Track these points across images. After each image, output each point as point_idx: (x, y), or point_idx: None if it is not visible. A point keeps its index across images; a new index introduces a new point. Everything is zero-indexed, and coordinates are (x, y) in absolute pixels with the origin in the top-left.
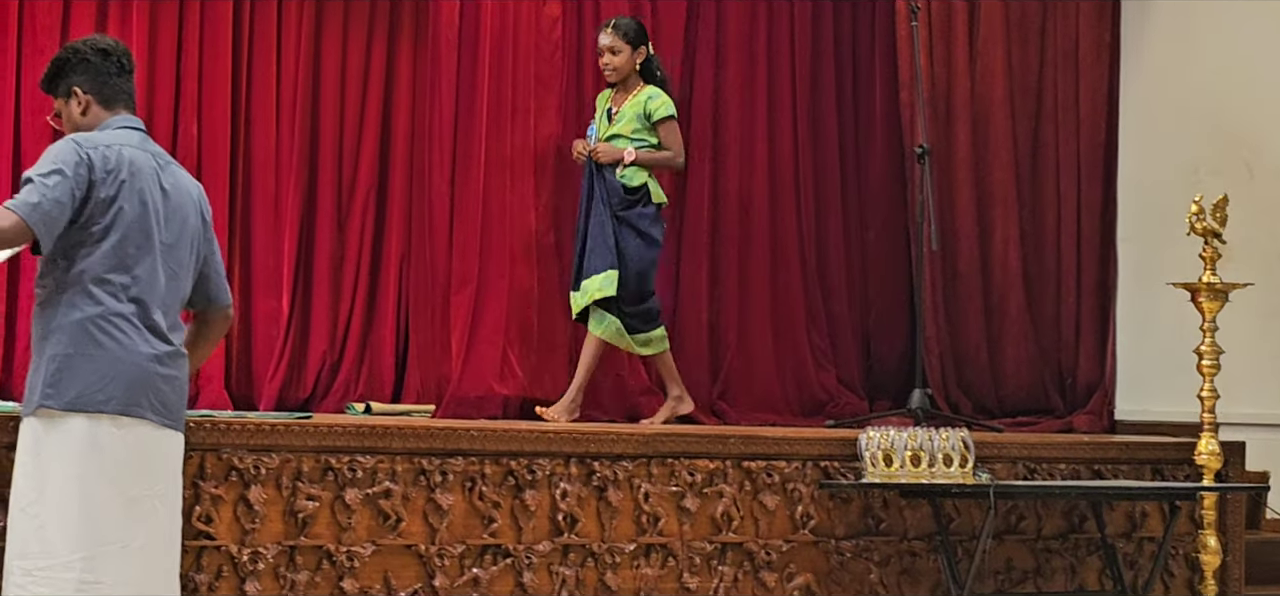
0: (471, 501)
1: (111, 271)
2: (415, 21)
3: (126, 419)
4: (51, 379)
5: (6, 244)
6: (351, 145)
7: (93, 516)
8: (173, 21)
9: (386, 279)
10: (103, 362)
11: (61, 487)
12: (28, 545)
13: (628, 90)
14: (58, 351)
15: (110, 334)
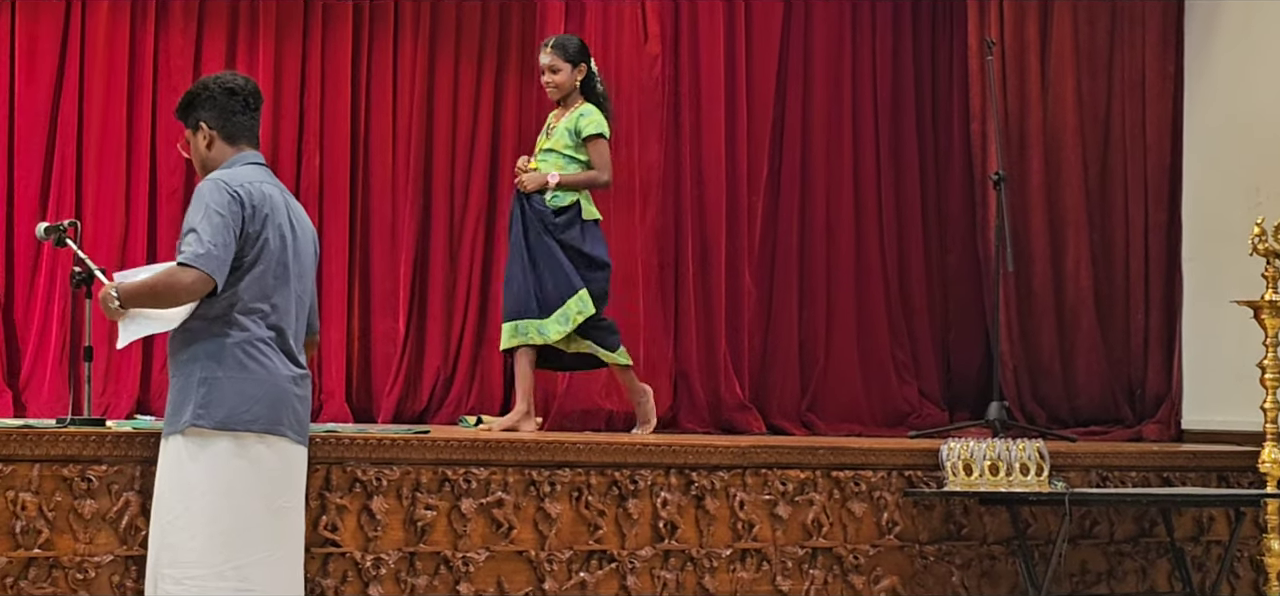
0: (578, 510)
1: (256, 300)
2: (521, 55)
3: (271, 436)
4: (202, 400)
5: (194, 296)
6: (463, 172)
7: (243, 527)
8: (296, 58)
9: (495, 299)
10: (249, 384)
11: (213, 501)
12: (179, 554)
13: (568, 107)
14: (207, 374)
15: (255, 358)
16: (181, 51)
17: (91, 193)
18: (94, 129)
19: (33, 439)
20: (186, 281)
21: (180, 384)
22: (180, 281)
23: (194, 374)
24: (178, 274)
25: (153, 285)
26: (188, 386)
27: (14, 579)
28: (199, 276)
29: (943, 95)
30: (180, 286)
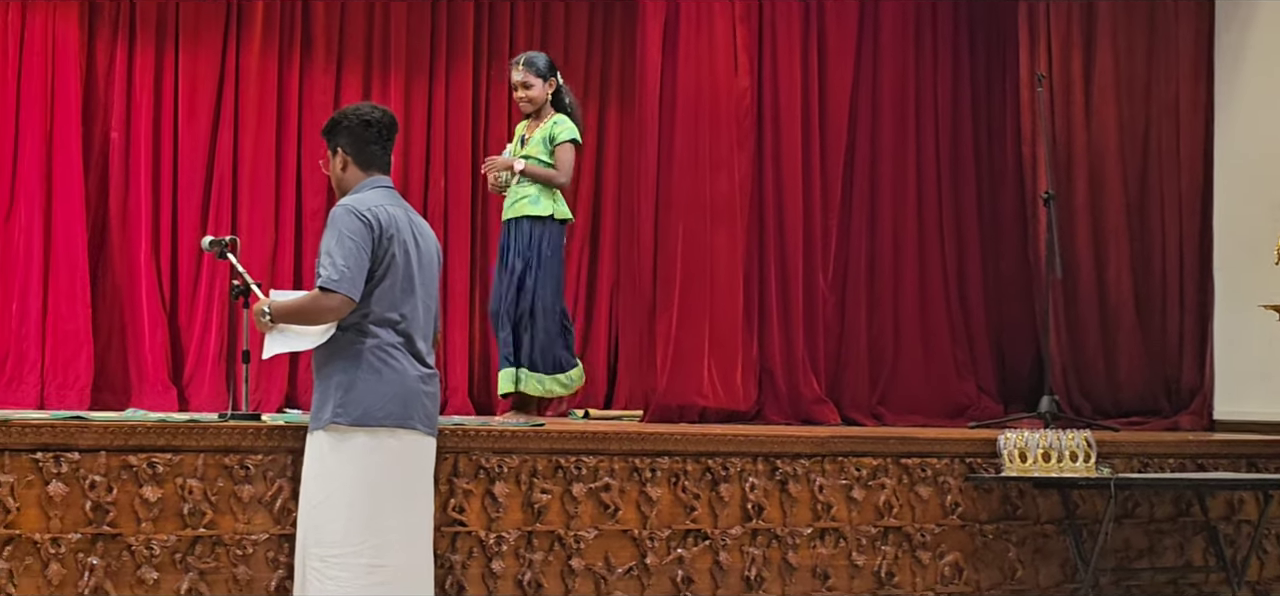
0: (676, 493)
1: (386, 310)
2: (622, 87)
3: (401, 429)
4: (340, 400)
5: (337, 316)
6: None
7: (378, 511)
8: (424, 91)
9: (599, 304)
10: (382, 385)
11: (352, 488)
12: (323, 535)
13: (541, 119)
14: (344, 377)
15: (386, 361)
16: (323, 87)
17: (245, 212)
18: (247, 156)
19: (198, 431)
20: (330, 304)
21: (322, 386)
22: (324, 304)
23: (333, 377)
24: (321, 298)
25: (301, 305)
26: (328, 388)
27: (182, 555)
28: (342, 300)
29: (997, 122)
30: (324, 308)
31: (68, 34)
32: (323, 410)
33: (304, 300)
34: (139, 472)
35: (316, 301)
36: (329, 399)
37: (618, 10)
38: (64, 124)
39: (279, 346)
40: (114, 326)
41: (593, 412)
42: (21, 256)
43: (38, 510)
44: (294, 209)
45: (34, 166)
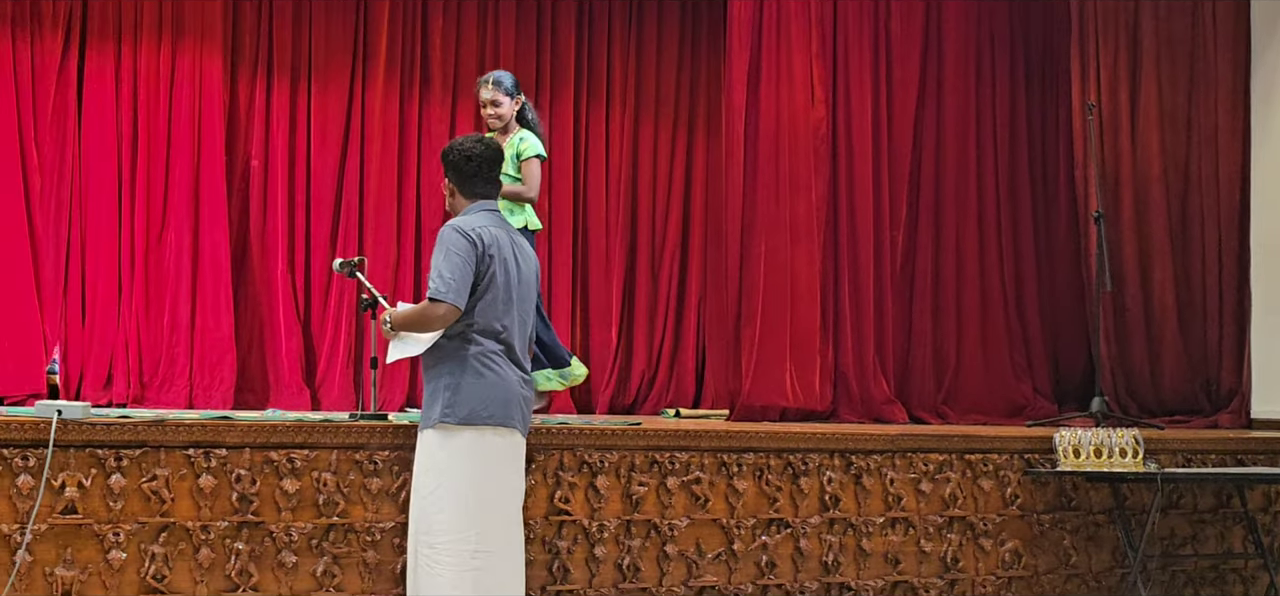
0: (760, 485)
1: (488, 321)
2: (709, 118)
3: (502, 428)
4: (448, 401)
5: (445, 323)
6: (661, 213)
7: (483, 501)
8: None
9: (688, 314)
10: (485, 388)
11: (459, 481)
12: (432, 522)
13: (507, 134)
14: (451, 380)
15: (489, 366)
16: (440, 117)
17: (370, 231)
18: (372, 180)
19: (331, 430)
20: (439, 313)
21: (431, 388)
22: (434, 313)
23: (441, 380)
24: (431, 308)
25: (414, 315)
26: (437, 390)
27: (318, 541)
28: (448, 308)
29: (1051, 147)
30: (434, 316)
31: (213, 72)
32: (432, 410)
33: (416, 310)
34: (279, 467)
35: (426, 311)
36: (438, 400)
37: (704, 47)
38: (210, 153)
39: (399, 352)
40: (254, 334)
41: (683, 412)
42: (172, 272)
43: (190, 500)
44: (413, 228)
45: (183, 191)
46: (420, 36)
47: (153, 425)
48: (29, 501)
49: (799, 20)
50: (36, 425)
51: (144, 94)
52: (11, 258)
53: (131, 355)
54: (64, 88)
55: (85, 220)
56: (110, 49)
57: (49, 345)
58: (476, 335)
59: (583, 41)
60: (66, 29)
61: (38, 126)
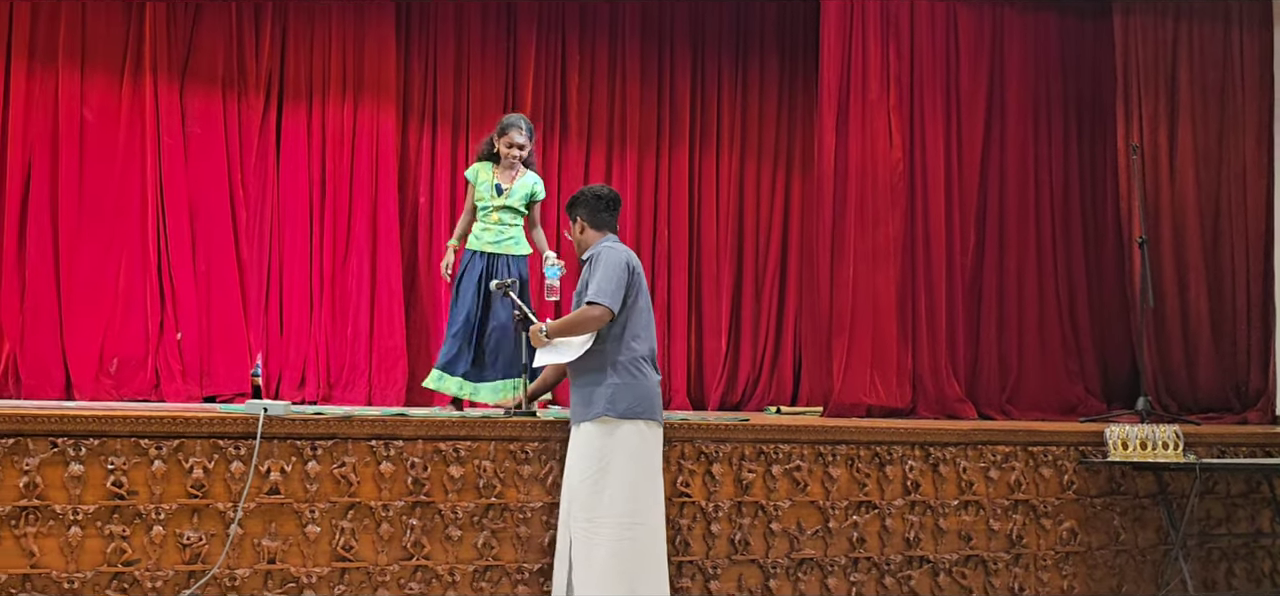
0: (851, 472)
1: (636, 332)
2: (803, 159)
3: (653, 423)
4: (609, 398)
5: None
6: (763, 240)
7: (638, 484)
8: (652, 161)
9: (787, 326)
10: (637, 388)
11: (620, 467)
12: (592, 504)
13: (515, 173)
14: (612, 381)
15: (640, 371)
16: (576, 161)
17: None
18: None
19: (490, 425)
20: (595, 315)
21: (589, 388)
22: (591, 315)
23: (602, 381)
24: (588, 311)
25: (572, 321)
26: (597, 389)
27: (479, 518)
28: (604, 311)
29: (1099, 183)
30: (591, 319)
31: (387, 123)
32: (592, 406)
33: (575, 316)
34: (447, 455)
35: (585, 314)
36: (599, 398)
37: (799, 100)
38: (385, 191)
39: (550, 357)
40: (421, 343)
41: (783, 409)
42: (354, 291)
43: (372, 484)
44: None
45: (363, 223)
46: (559, 91)
47: (342, 420)
48: (240, 484)
49: (879, 77)
50: (247, 420)
51: (330, 142)
52: (222, 279)
53: (320, 361)
54: (265, 137)
55: (283, 248)
56: (303, 104)
57: (253, 352)
58: (629, 344)
59: (696, 95)
60: (267, 89)
61: (244, 170)
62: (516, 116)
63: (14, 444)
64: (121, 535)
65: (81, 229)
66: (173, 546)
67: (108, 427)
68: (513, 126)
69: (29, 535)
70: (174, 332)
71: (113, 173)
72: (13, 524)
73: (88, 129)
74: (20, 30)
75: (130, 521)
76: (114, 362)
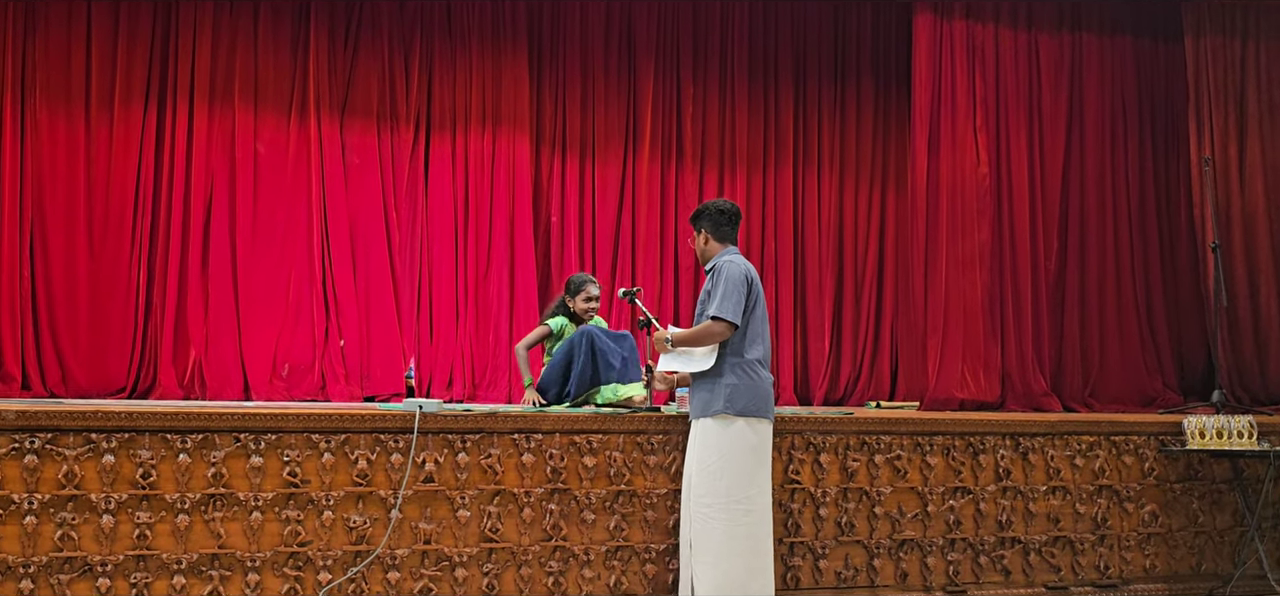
0: (948, 461)
1: (754, 337)
2: (898, 176)
3: (765, 420)
4: (727, 397)
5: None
6: (862, 250)
7: (751, 473)
8: (759, 180)
9: (884, 328)
10: (754, 389)
11: (736, 459)
12: (713, 489)
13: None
14: (730, 381)
15: (756, 372)
16: (690, 183)
17: (639, 272)
18: (641, 233)
19: (620, 419)
20: (718, 330)
21: (710, 388)
22: (714, 329)
23: (722, 381)
24: (713, 326)
25: (696, 334)
26: (717, 388)
27: (610, 503)
28: (725, 327)
29: (1174, 193)
30: (715, 333)
31: (522, 151)
32: (713, 403)
33: (700, 329)
34: (581, 447)
35: (708, 328)
36: (719, 396)
37: (893, 121)
38: (521, 213)
39: (674, 364)
40: None
41: (882, 404)
42: (494, 301)
43: (515, 473)
44: (672, 267)
45: (501, 241)
46: (675, 118)
47: (487, 416)
48: (399, 474)
49: (966, 100)
50: (404, 417)
51: (472, 168)
52: (379, 292)
53: (465, 364)
54: (415, 165)
55: (432, 263)
56: (447, 135)
57: (406, 357)
58: (747, 349)
59: (798, 119)
60: (416, 121)
61: (397, 195)
62: (583, 274)
63: (202, 440)
64: (296, 519)
65: (256, 249)
66: (341, 529)
67: (283, 424)
68: (587, 282)
69: (216, 520)
70: (337, 340)
71: (282, 199)
72: (202, 510)
73: (261, 161)
74: (202, 74)
75: (304, 507)
76: (286, 367)
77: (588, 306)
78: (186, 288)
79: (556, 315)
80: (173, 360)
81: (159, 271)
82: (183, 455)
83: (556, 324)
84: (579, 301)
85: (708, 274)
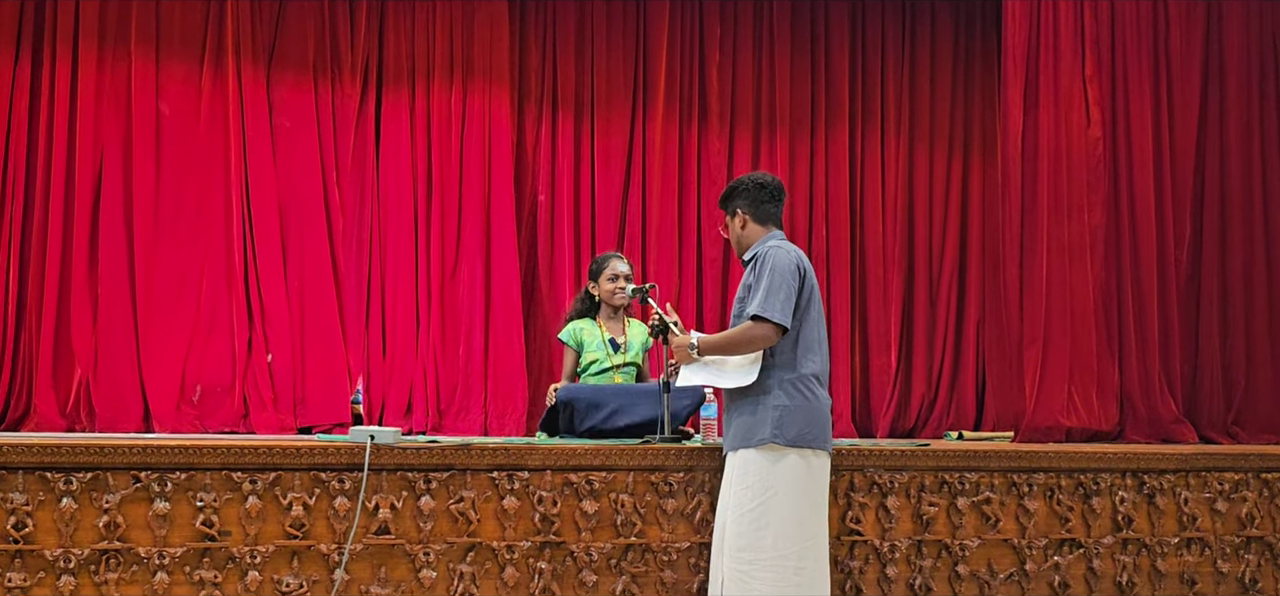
0: (1051, 506)
1: (809, 346)
2: (984, 141)
3: (821, 452)
4: (776, 422)
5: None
6: (938, 238)
7: (805, 521)
8: (806, 150)
9: (967, 338)
10: (809, 412)
11: (787, 500)
12: (754, 541)
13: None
14: (779, 403)
15: (811, 391)
16: (717, 149)
17: (652, 263)
18: (654, 212)
19: (629, 452)
20: (761, 333)
21: (752, 409)
22: (755, 333)
23: (767, 402)
24: (753, 329)
25: (732, 338)
26: (762, 410)
27: (617, 560)
28: (771, 330)
29: None
30: (756, 338)
31: (501, 110)
32: (756, 431)
33: (735, 333)
34: (579, 488)
35: (748, 332)
36: (764, 421)
37: (977, 71)
38: (499, 189)
39: (700, 377)
40: (543, 364)
41: (966, 434)
42: (466, 304)
43: (495, 521)
44: (695, 258)
45: (475, 226)
46: (697, 69)
47: (459, 449)
48: (346, 522)
49: (1073, 42)
50: (352, 450)
51: (437, 134)
52: (317, 293)
53: (429, 385)
54: (363, 130)
55: (384, 256)
56: (404, 91)
57: (352, 377)
58: (800, 360)
59: (856, 69)
60: (364, 75)
61: (340, 168)
62: (607, 253)
63: (92, 479)
64: (213, 581)
65: (158, 238)
66: (270, 593)
67: (196, 459)
68: (609, 259)
69: (110, 583)
70: (263, 355)
71: (192, 174)
72: (92, 570)
73: (165, 124)
74: (89, 14)
75: (222, 566)
76: (197, 390)
77: (614, 288)
78: (69, 289)
79: (574, 317)
80: (52, 381)
81: (34, 268)
82: (66, 499)
83: (570, 334)
84: (604, 282)
85: (746, 266)
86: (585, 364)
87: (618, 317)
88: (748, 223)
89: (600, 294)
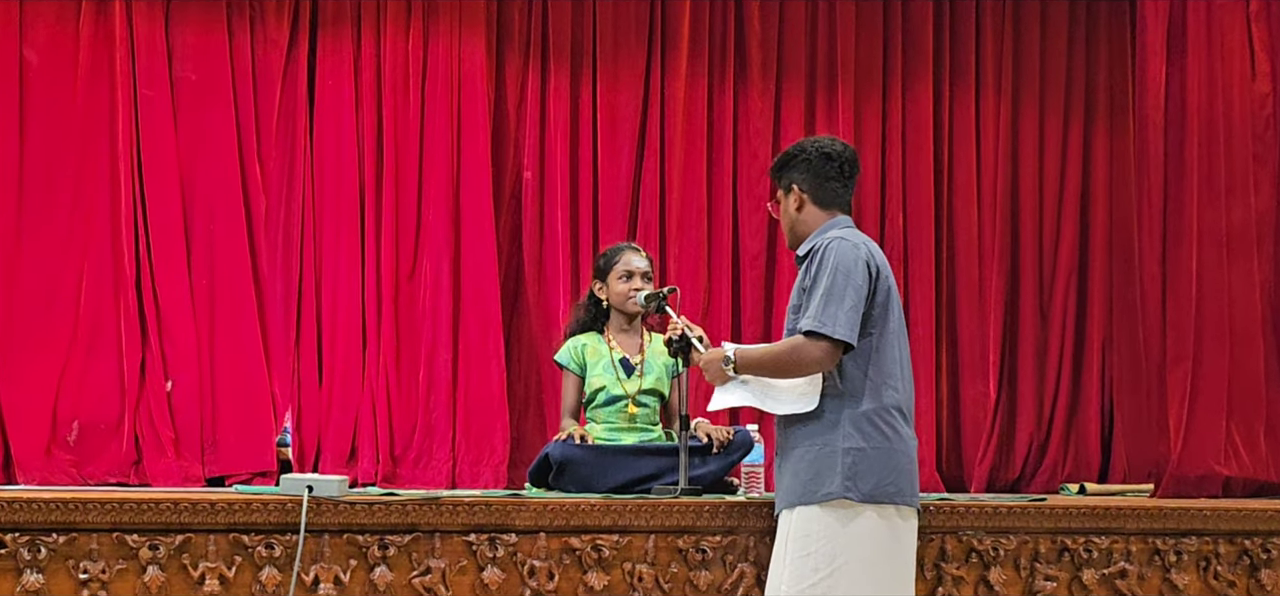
0: (1206, 580)
1: (888, 368)
2: (1110, 103)
3: (908, 509)
4: (848, 471)
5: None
6: (1051, 230)
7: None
8: (876, 115)
9: (1090, 360)
10: (890, 456)
11: (860, 574)
12: None
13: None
14: (851, 445)
15: (892, 427)
16: (760, 112)
17: (673, 257)
18: (675, 193)
19: (648, 509)
20: (816, 354)
21: (817, 453)
22: (809, 354)
23: (835, 443)
24: (806, 346)
25: (778, 355)
26: (829, 456)
27: None
28: (829, 347)
29: None
30: (809, 359)
31: (474, 63)
32: (822, 482)
33: (781, 349)
34: (583, 557)
35: (798, 349)
36: (833, 469)
37: (1102, 14)
38: (472, 162)
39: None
40: (531, 391)
41: (1089, 487)
42: (428, 316)
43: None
44: (730, 252)
45: (440, 211)
46: (734, 14)
47: (425, 504)
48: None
49: None
50: (283, 506)
51: (389, 91)
52: (232, 300)
53: (380, 422)
54: (293, 85)
55: (320, 250)
56: (347, 37)
57: (278, 410)
58: (879, 387)
59: (943, 12)
60: (293, 16)
61: (261, 137)
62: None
63: None
64: None
65: (21, 229)
66: None
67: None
68: (622, 251)
69: None
70: (161, 382)
71: (68, 143)
72: None
73: (31, 77)
74: None
75: None
76: (74, 427)
77: (628, 290)
78: None
79: (576, 331)
80: None
81: None
82: None
83: (568, 354)
84: (614, 282)
85: (800, 263)
86: (590, 393)
87: (633, 329)
88: (805, 203)
89: (610, 298)
